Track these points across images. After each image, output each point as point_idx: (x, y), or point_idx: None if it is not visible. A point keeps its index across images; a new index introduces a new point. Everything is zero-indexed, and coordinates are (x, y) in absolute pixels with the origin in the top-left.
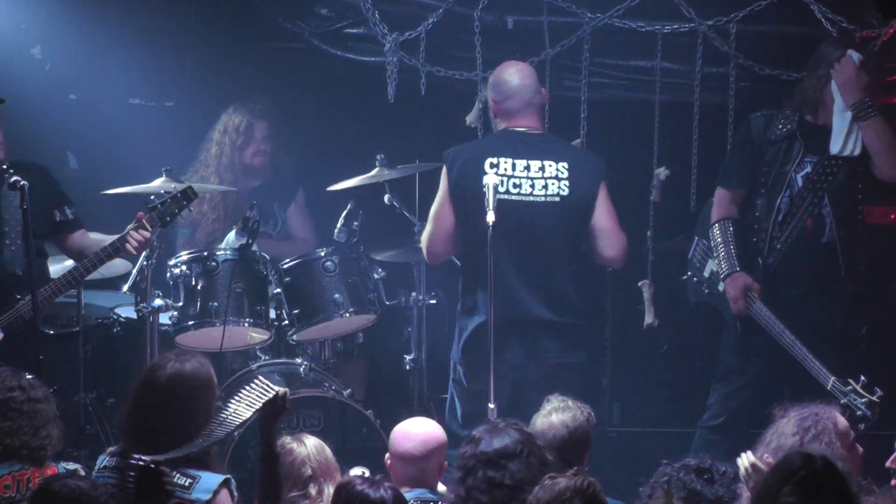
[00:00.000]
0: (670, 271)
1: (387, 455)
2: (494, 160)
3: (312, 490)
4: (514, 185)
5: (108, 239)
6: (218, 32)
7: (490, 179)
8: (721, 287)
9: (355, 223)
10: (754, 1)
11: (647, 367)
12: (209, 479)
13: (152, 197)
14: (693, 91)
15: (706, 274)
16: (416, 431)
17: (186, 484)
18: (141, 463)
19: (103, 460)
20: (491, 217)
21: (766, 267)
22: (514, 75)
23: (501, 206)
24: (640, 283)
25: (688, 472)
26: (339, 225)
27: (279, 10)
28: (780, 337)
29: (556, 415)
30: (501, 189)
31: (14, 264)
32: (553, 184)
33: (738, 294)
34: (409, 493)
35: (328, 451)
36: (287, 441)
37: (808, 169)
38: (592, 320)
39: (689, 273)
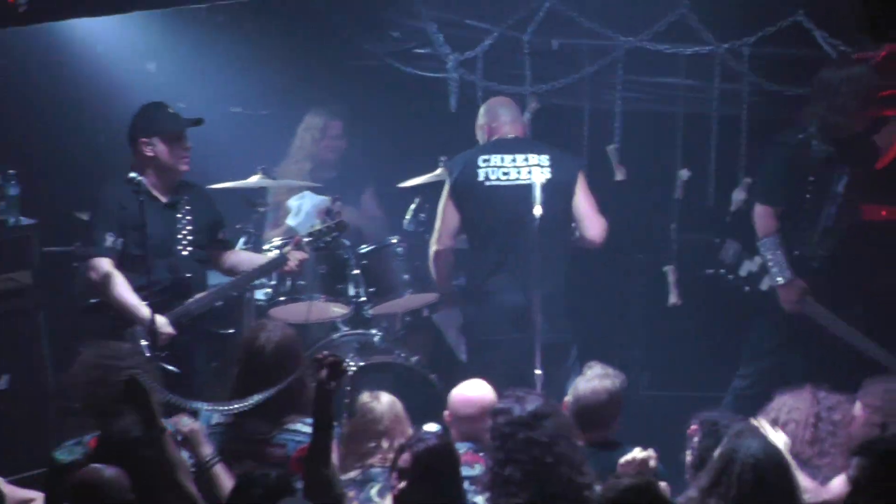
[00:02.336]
0: (692, 258)
1: (446, 412)
2: (486, 157)
3: (384, 444)
4: (504, 173)
5: (258, 256)
6: (306, 51)
7: (537, 178)
8: (764, 286)
9: (422, 215)
10: (764, 27)
11: (672, 340)
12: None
13: (311, 225)
14: (711, 104)
15: (743, 273)
16: (472, 393)
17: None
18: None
19: (210, 417)
20: (538, 210)
21: (813, 272)
22: (502, 104)
23: (494, 192)
24: (665, 268)
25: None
26: (407, 216)
27: (358, 33)
28: (842, 331)
29: (597, 381)
30: (493, 177)
31: (184, 269)
32: (536, 170)
33: (796, 298)
34: (462, 445)
35: (400, 408)
36: (365, 398)
37: (846, 179)
38: (624, 301)
39: (723, 271)
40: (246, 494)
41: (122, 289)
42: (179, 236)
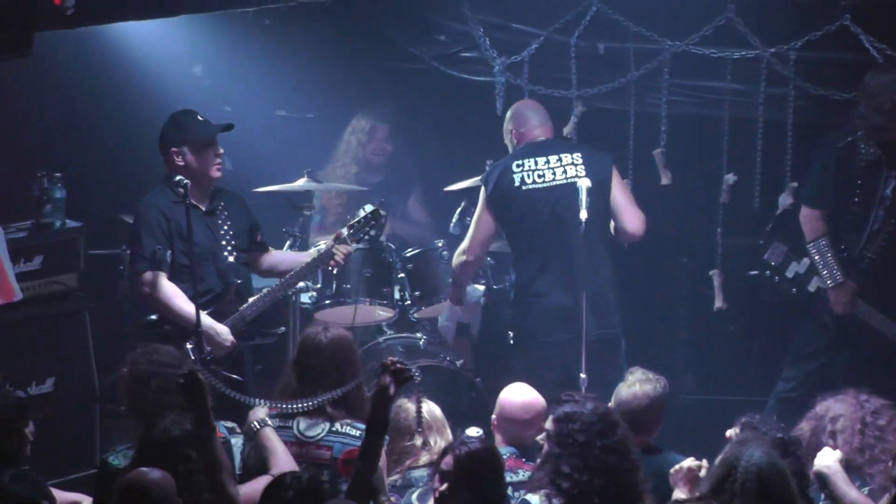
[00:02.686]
0: (737, 262)
1: (493, 416)
2: (519, 162)
3: (418, 441)
4: (539, 176)
5: (295, 255)
6: (352, 55)
7: (583, 183)
8: (812, 287)
9: (468, 218)
10: (811, 31)
11: (716, 344)
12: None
13: (347, 217)
14: (757, 108)
15: (790, 275)
16: (522, 398)
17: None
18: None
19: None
20: (584, 215)
21: (861, 273)
22: (529, 108)
23: (532, 195)
24: (710, 273)
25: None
26: (453, 220)
27: (405, 36)
28: (893, 332)
29: (639, 386)
30: (528, 180)
31: (233, 275)
32: (570, 169)
33: (848, 299)
34: (505, 450)
35: (437, 411)
36: (403, 402)
37: (894, 182)
38: (669, 304)
39: (769, 273)
40: (277, 497)
41: (181, 300)
42: (224, 242)
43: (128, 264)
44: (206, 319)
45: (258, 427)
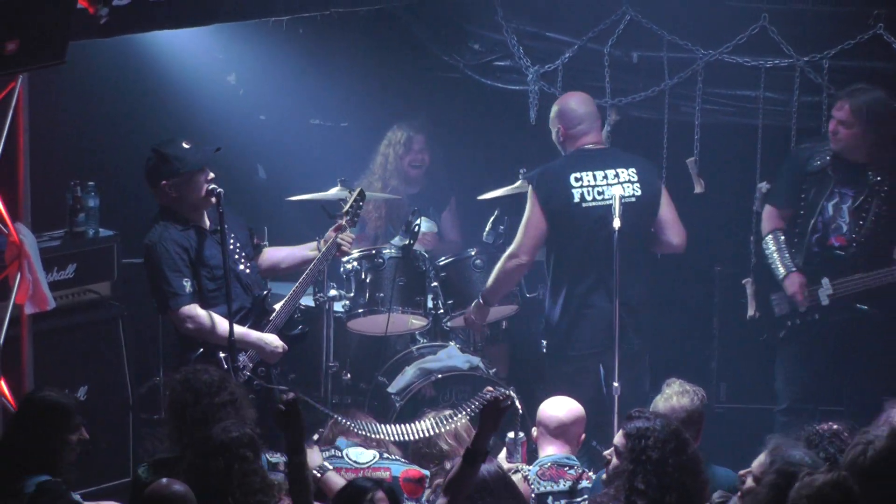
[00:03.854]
0: (770, 271)
1: (534, 429)
2: (578, 175)
3: (448, 465)
4: (599, 193)
5: (293, 249)
6: (386, 64)
7: (616, 191)
8: (825, 301)
9: (501, 227)
10: (845, 40)
11: (750, 352)
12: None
13: (341, 202)
14: (791, 117)
15: (802, 309)
16: (562, 408)
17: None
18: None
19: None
20: (617, 223)
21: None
22: (580, 104)
23: (590, 213)
24: (743, 281)
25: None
26: (487, 228)
27: (439, 45)
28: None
29: (676, 398)
30: (588, 197)
31: (255, 286)
32: (628, 187)
33: (798, 290)
34: (546, 458)
35: (462, 427)
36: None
37: (837, 199)
38: (702, 312)
39: (790, 323)
40: (360, 494)
41: (224, 324)
42: (237, 256)
43: (160, 306)
44: (252, 334)
45: (320, 474)
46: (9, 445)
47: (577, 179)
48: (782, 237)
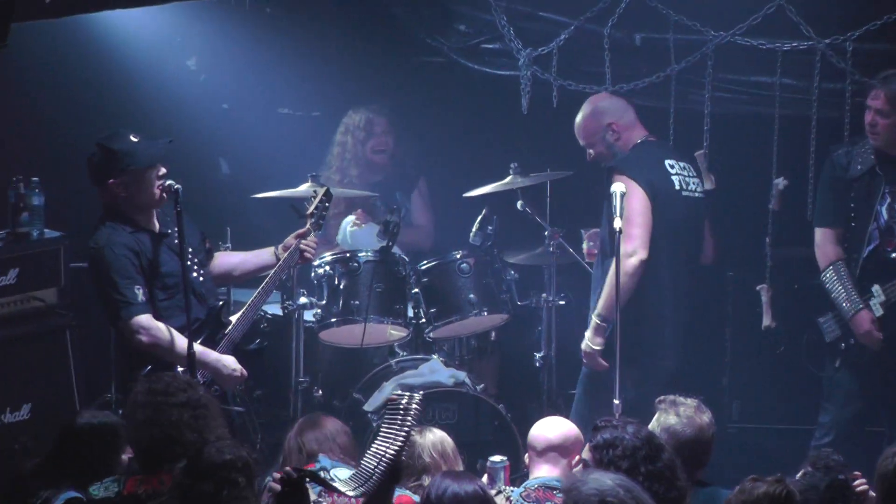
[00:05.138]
0: (788, 276)
1: (526, 455)
2: (671, 162)
3: (426, 480)
4: (688, 184)
5: (247, 255)
6: (362, 47)
7: (617, 187)
8: (878, 311)
9: (490, 227)
10: (870, 20)
11: (765, 367)
12: None
13: (305, 203)
14: (811, 106)
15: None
16: (553, 429)
17: None
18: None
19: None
20: (618, 223)
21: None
22: (611, 97)
23: (689, 203)
24: (758, 287)
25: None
26: (474, 229)
27: (420, 26)
28: None
29: (675, 417)
30: (685, 186)
31: (212, 297)
32: (695, 182)
33: (871, 328)
34: (534, 480)
35: (449, 445)
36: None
37: (889, 200)
38: (713, 323)
39: (843, 345)
40: None
41: (180, 339)
42: (189, 262)
43: (110, 316)
44: (210, 354)
45: None
46: (54, 468)
47: (671, 166)
48: (843, 270)
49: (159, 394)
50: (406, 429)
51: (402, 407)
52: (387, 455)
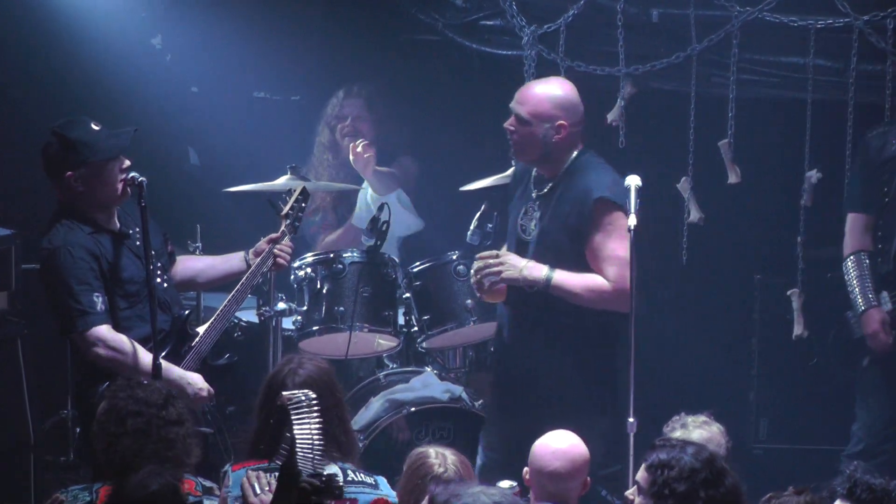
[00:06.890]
0: (822, 280)
1: (525, 470)
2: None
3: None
4: None
5: (213, 259)
6: (347, 24)
7: (632, 181)
8: None
9: (489, 225)
10: None
11: (797, 381)
12: None
13: (280, 203)
14: (847, 89)
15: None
16: (561, 447)
17: None
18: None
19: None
20: (633, 220)
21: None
22: (577, 95)
23: None
24: (789, 293)
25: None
26: (471, 227)
27: (413, 1)
28: None
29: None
30: None
31: (176, 306)
32: None
33: (878, 329)
34: None
35: (466, 469)
36: (429, 454)
37: None
38: (739, 331)
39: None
40: None
41: (142, 352)
42: (152, 267)
43: (64, 326)
44: (174, 370)
45: None
46: None
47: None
48: (867, 261)
49: (152, 405)
50: (315, 417)
51: (304, 403)
52: (315, 445)
